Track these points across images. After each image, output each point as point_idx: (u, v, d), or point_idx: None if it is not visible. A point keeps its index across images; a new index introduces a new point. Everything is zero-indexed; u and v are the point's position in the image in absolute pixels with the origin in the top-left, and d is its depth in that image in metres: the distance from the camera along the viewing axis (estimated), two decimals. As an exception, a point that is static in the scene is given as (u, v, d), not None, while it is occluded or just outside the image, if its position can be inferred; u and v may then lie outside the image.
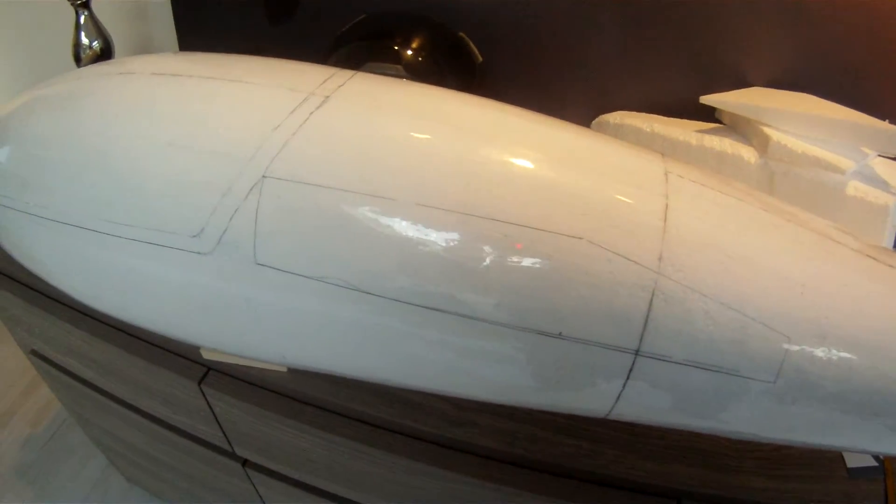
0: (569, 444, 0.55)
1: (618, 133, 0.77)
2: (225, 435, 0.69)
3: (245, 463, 0.73)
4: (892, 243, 0.65)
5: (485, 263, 0.39)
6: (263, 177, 0.41)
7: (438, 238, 0.40)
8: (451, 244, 0.40)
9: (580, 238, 0.39)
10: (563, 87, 0.81)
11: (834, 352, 0.39)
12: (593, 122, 0.80)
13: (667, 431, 0.55)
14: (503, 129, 0.45)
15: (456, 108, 0.47)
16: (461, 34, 0.75)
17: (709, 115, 0.73)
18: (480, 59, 0.77)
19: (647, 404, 0.43)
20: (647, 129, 0.73)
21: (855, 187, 0.63)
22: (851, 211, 0.64)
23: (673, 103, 0.77)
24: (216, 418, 0.66)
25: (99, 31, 0.89)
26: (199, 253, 0.44)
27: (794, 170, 0.64)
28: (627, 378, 0.41)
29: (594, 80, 0.80)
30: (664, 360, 0.40)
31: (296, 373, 0.58)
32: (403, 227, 0.40)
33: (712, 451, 0.55)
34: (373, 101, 0.45)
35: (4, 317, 0.88)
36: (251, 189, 0.41)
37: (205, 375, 0.62)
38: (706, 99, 0.69)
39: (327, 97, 0.44)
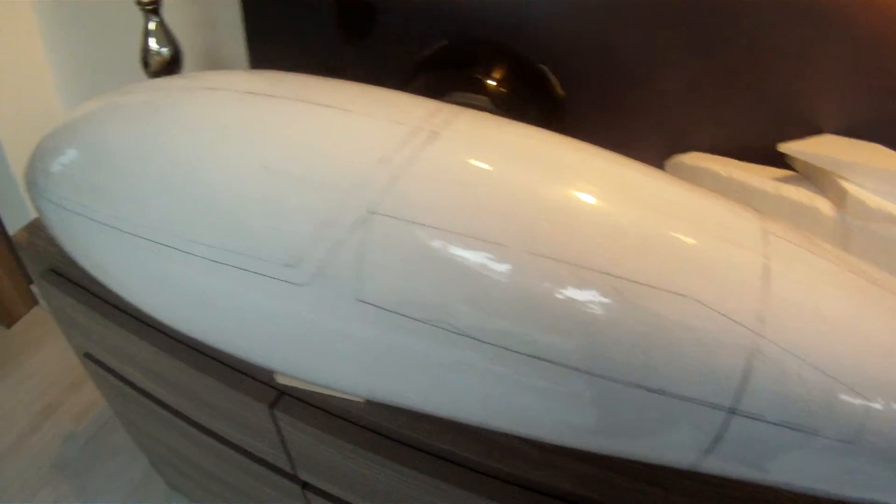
0: (646, 492, 0.53)
1: (694, 176, 0.75)
2: (289, 458, 0.67)
3: (305, 486, 0.71)
4: None
5: (593, 316, 0.38)
6: (371, 212, 0.40)
7: (548, 289, 0.39)
8: (560, 296, 0.39)
9: (686, 296, 0.38)
10: (636, 124, 0.79)
11: None
12: (668, 161, 0.78)
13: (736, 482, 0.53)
14: (612, 179, 0.44)
15: (565, 154, 0.45)
16: (542, 66, 0.73)
17: (780, 158, 0.71)
18: (561, 93, 0.74)
19: (732, 460, 0.42)
20: (724, 175, 0.72)
21: None
22: None
23: (746, 146, 0.75)
24: (283, 442, 0.65)
25: (168, 37, 0.89)
26: (292, 283, 0.42)
27: (869, 225, 0.63)
28: (719, 434, 0.40)
29: (668, 119, 0.78)
30: (755, 419, 0.40)
31: (374, 404, 0.57)
32: (512, 275, 0.39)
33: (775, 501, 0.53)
34: (483, 140, 0.43)
35: (60, 317, 0.88)
36: (357, 223, 0.40)
37: (277, 400, 0.61)
38: (784, 147, 0.68)
39: (436, 133, 0.42)
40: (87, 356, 0.92)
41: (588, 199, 0.41)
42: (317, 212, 0.41)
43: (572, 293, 0.39)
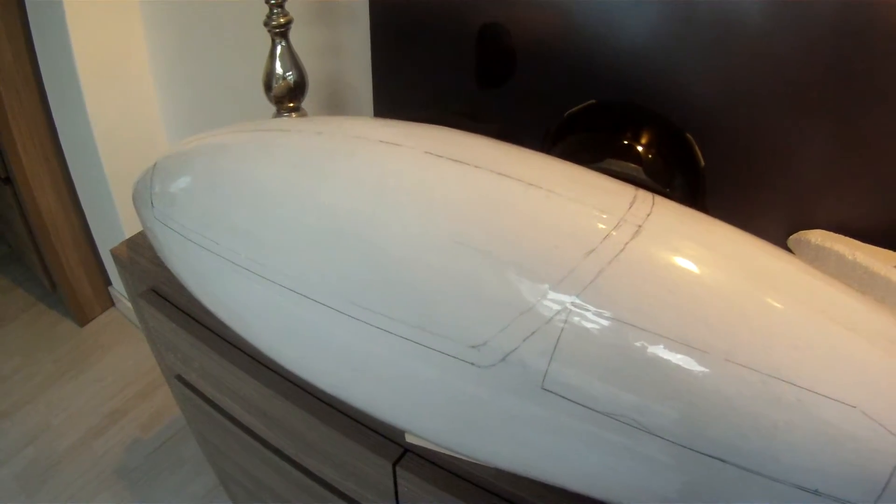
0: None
1: (818, 255, 0.74)
2: (397, 510, 0.66)
3: (406, 539, 0.70)
4: None
5: (770, 422, 0.39)
6: (573, 304, 0.38)
7: (740, 397, 0.39)
8: (749, 404, 0.39)
9: (854, 407, 0.39)
10: (762, 195, 0.77)
11: None
12: (791, 237, 0.76)
13: None
14: (799, 286, 0.44)
15: (758, 257, 0.44)
16: (688, 134, 0.72)
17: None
18: (703, 163, 0.73)
19: None
20: (849, 258, 0.70)
21: None
22: None
23: (872, 227, 0.73)
24: (396, 496, 0.63)
25: (294, 62, 0.88)
26: (474, 364, 0.41)
27: None
28: None
29: (795, 192, 0.76)
30: None
31: (501, 471, 0.55)
32: (708, 381, 0.38)
33: None
34: (683, 239, 0.43)
35: (156, 338, 0.87)
36: (556, 314, 0.38)
37: (401, 457, 0.60)
38: None
39: (640, 227, 0.41)
40: (180, 379, 0.92)
41: (783, 308, 0.41)
42: (517, 299, 0.40)
43: (757, 399, 0.39)
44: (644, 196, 0.45)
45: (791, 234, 0.77)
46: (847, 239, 0.74)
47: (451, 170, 0.45)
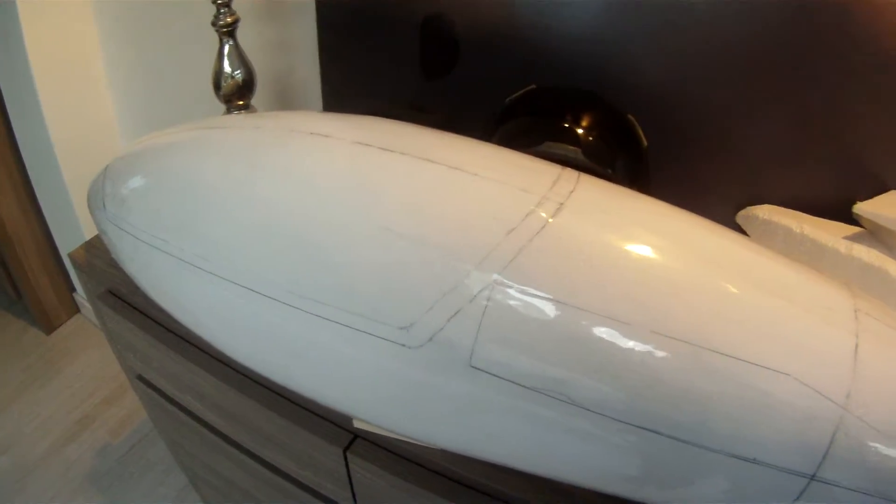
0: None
1: (766, 229, 0.76)
2: (354, 498, 0.67)
3: (365, 524, 0.71)
4: None
5: (702, 393, 0.40)
6: (494, 282, 0.39)
7: (667, 368, 0.40)
8: (679, 375, 0.40)
9: (787, 374, 0.40)
10: (713, 176, 0.79)
11: None
12: (740, 213, 0.78)
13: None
14: (729, 258, 0.45)
15: (682, 229, 0.46)
16: (630, 116, 0.73)
17: (848, 212, 0.72)
18: (646, 143, 0.74)
19: None
20: (797, 231, 0.72)
21: None
22: None
23: (819, 201, 0.75)
24: (350, 482, 0.64)
25: (242, 60, 0.89)
26: (404, 346, 0.42)
27: None
28: (797, 498, 0.42)
29: (743, 170, 0.78)
30: (834, 486, 0.41)
31: (449, 452, 0.56)
32: (634, 352, 0.40)
33: None
34: (608, 215, 0.44)
35: (115, 339, 0.88)
36: (479, 293, 0.40)
37: (351, 443, 0.61)
38: (860, 209, 0.69)
39: (561, 204, 0.42)
40: (141, 379, 0.92)
41: (707, 279, 0.42)
42: (441, 279, 0.41)
43: (688, 371, 0.40)
44: (569, 175, 0.46)
45: (741, 210, 0.79)
46: (795, 213, 0.76)
47: (378, 158, 0.46)
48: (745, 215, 0.78)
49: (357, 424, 0.60)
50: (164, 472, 1.43)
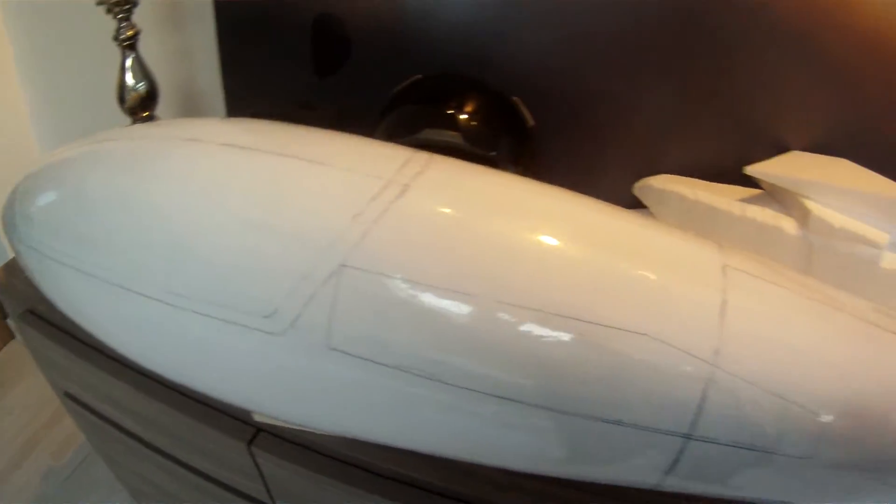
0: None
1: (661, 198, 0.78)
2: (268, 491, 0.69)
3: (285, 517, 0.72)
4: None
5: (557, 359, 0.41)
6: (342, 266, 0.42)
7: (514, 335, 0.41)
8: (526, 341, 0.41)
9: (644, 334, 0.41)
10: (607, 149, 0.82)
11: (873, 428, 0.43)
12: (636, 185, 0.80)
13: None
14: (577, 224, 0.47)
15: (529, 200, 0.48)
16: (514, 98, 0.75)
17: (750, 178, 0.74)
18: (532, 123, 0.76)
19: (692, 479, 0.46)
20: (691, 197, 0.74)
21: (890, 260, 0.64)
22: (887, 284, 0.64)
23: (716, 166, 0.77)
24: (261, 476, 0.66)
25: (144, 72, 0.90)
26: (269, 333, 0.44)
27: (832, 243, 0.65)
28: (676, 458, 0.44)
29: (638, 143, 0.80)
30: (711, 443, 0.42)
31: (348, 439, 0.58)
32: (479, 323, 0.41)
33: None
34: (452, 191, 0.46)
35: (39, 357, 0.88)
36: (329, 277, 0.42)
37: (254, 436, 0.62)
38: (749, 170, 0.71)
39: (407, 185, 0.45)
40: (67, 395, 0.92)
41: (553, 245, 0.44)
42: (295, 267, 0.43)
43: (538, 338, 0.41)
44: (419, 157, 0.48)
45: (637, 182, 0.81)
46: (689, 180, 0.78)
47: (239, 157, 0.48)
48: (641, 186, 0.80)
49: (257, 417, 0.61)
50: (109, 490, 1.42)
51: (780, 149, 0.74)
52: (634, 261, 0.45)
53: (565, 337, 0.41)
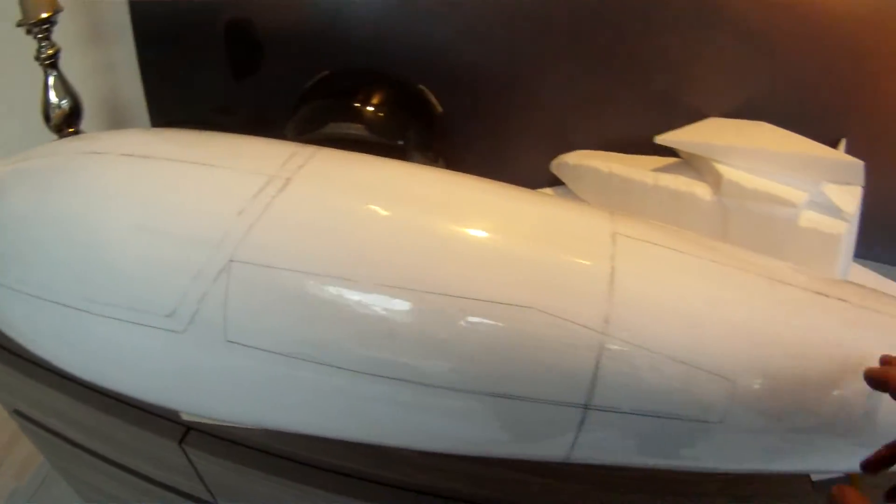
0: (535, 483, 0.57)
1: (577, 173, 0.79)
2: (207, 489, 0.71)
3: (227, 513, 0.74)
4: (847, 269, 0.68)
5: (442, 337, 0.43)
6: (230, 261, 0.44)
7: (397, 315, 0.43)
8: (410, 320, 0.43)
9: (530, 307, 0.42)
10: (522, 130, 0.83)
11: (782, 387, 0.43)
12: (552, 163, 0.82)
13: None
14: (456, 203, 0.48)
15: (411, 184, 0.50)
16: (421, 87, 0.78)
17: (669, 148, 0.74)
18: (440, 110, 0.79)
19: (601, 450, 0.46)
20: (605, 170, 0.75)
21: (808, 218, 0.65)
22: (805, 242, 0.65)
23: (633, 139, 0.78)
24: (198, 474, 0.68)
25: (67, 90, 0.91)
26: (172, 331, 0.46)
27: (746, 205, 0.66)
28: (579, 429, 0.44)
29: (552, 121, 0.82)
30: (613, 412, 0.43)
31: (272, 431, 0.60)
32: (364, 306, 0.43)
33: (674, 478, 0.57)
34: (332, 181, 0.48)
35: (-16, 378, 0.89)
36: (219, 273, 0.44)
37: (185, 435, 0.64)
38: (661, 139, 0.71)
39: (289, 179, 0.47)
40: (17, 412, 0.93)
41: (432, 226, 0.46)
42: (188, 266, 0.45)
43: (421, 318, 0.43)
44: (303, 152, 0.51)
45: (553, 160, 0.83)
46: (605, 154, 0.79)
47: (137, 166, 0.50)
48: (557, 164, 0.82)
49: (185, 416, 0.63)
50: (72, 506, 1.43)
51: (699, 117, 0.76)
52: (518, 237, 0.46)
53: (448, 315, 0.42)
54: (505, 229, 0.47)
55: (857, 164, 0.65)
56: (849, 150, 0.70)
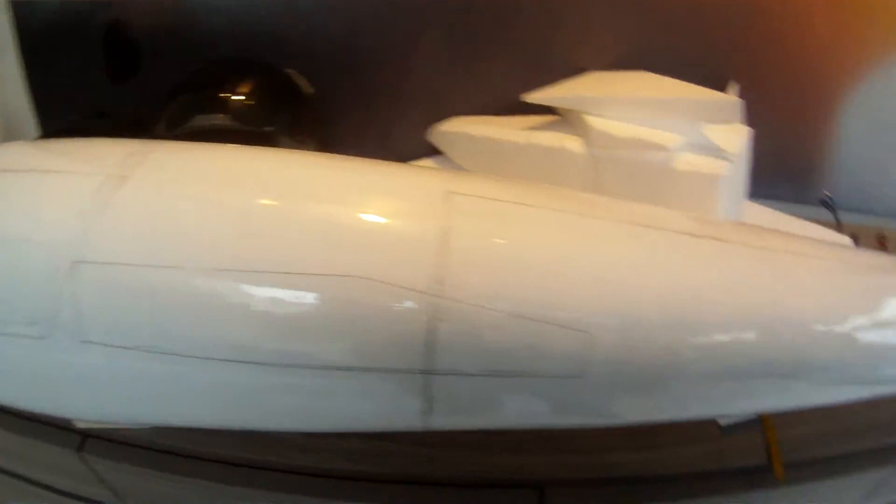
0: (421, 454, 0.59)
1: (452, 140, 0.79)
2: (114, 493, 0.71)
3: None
4: (739, 209, 0.68)
5: (273, 314, 0.44)
6: (76, 262, 0.46)
7: (227, 297, 0.44)
8: (240, 301, 0.44)
9: (349, 276, 0.42)
10: (396, 102, 0.85)
11: (644, 337, 0.43)
12: (430, 132, 0.82)
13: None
14: (285, 181, 0.49)
15: (242, 168, 0.51)
16: (287, 71, 0.79)
17: (550, 107, 0.74)
18: (311, 90, 0.80)
19: (459, 415, 0.47)
20: (476, 135, 0.75)
21: (686, 161, 0.63)
22: (685, 185, 0.64)
23: (511, 101, 0.75)
24: (101, 480, 0.69)
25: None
26: (37, 338, 0.47)
27: (618, 154, 0.65)
28: (428, 395, 0.44)
29: (427, 90, 0.83)
30: (460, 375, 0.43)
31: (160, 428, 0.61)
32: (197, 293, 0.45)
33: (572, 435, 0.57)
34: (167, 174, 0.50)
35: None
36: (68, 275, 0.46)
37: (83, 443, 0.65)
38: (529, 96, 0.71)
39: (125, 177, 0.49)
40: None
41: (254, 205, 0.47)
42: (40, 272, 0.47)
43: (248, 297, 0.44)
44: (142, 149, 0.52)
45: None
46: (480, 118, 0.79)
47: (9, 179, 0.51)
48: (434, 133, 0.81)
49: (79, 425, 0.64)
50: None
51: (578, 72, 0.75)
52: (342, 205, 0.46)
53: (273, 291, 0.44)
54: (331, 201, 0.47)
55: (733, 101, 0.64)
56: (742, 94, 0.69)
